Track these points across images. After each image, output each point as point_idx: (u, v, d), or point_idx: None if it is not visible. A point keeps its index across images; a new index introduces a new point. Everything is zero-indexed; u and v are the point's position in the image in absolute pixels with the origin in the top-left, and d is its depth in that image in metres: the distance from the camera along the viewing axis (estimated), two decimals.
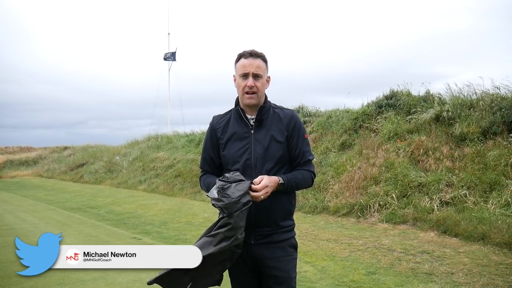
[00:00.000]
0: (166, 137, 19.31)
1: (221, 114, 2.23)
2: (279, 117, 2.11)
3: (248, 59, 2.04)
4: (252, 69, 2.03)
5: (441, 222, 6.18)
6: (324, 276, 4.51)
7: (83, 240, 6.70)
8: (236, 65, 2.10)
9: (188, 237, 6.16)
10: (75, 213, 10.00)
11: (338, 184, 8.64)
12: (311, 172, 2.13)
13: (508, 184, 6.35)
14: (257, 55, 2.07)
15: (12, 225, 8.30)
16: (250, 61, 2.04)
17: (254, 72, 2.03)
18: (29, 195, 14.80)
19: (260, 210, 1.99)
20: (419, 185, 7.34)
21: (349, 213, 7.69)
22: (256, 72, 2.04)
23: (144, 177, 15.52)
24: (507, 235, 5.26)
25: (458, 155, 7.56)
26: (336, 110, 12.04)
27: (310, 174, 2.12)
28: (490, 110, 7.90)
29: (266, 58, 2.11)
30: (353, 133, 10.23)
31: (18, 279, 4.54)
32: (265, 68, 2.09)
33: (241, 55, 2.08)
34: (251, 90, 2.04)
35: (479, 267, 4.56)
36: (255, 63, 2.04)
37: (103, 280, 4.52)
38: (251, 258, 2.05)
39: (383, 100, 10.52)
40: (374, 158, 8.76)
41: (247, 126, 2.10)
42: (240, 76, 2.06)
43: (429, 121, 8.71)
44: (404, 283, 4.21)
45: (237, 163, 2.06)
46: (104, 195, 13.56)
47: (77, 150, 25.82)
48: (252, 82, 2.03)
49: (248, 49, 2.08)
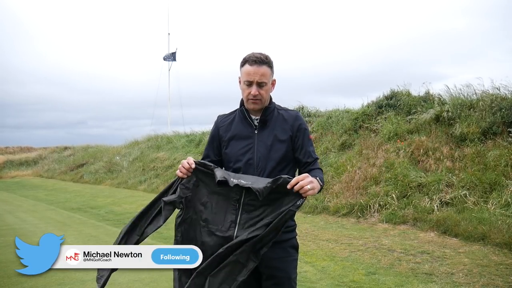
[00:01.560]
0: (166, 137, 19.31)
1: (226, 113, 2.24)
2: (284, 118, 2.12)
3: (253, 67, 2.02)
4: (256, 77, 2.01)
5: (441, 223, 6.18)
6: (324, 276, 4.51)
7: (83, 240, 6.70)
8: (241, 69, 2.08)
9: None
10: (75, 213, 10.01)
11: (338, 184, 8.64)
12: (321, 169, 2.14)
13: (508, 185, 6.35)
14: (263, 61, 2.03)
15: (12, 225, 8.30)
16: (254, 69, 2.01)
17: (258, 81, 2.02)
18: (29, 195, 14.80)
19: None
20: (419, 186, 7.34)
21: (349, 213, 7.69)
22: (261, 80, 2.02)
23: (144, 177, 15.52)
24: (507, 236, 5.26)
25: (458, 155, 7.56)
26: (336, 110, 12.05)
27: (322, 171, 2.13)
28: (490, 111, 7.90)
29: (271, 63, 2.08)
30: (353, 133, 10.24)
31: (18, 279, 4.54)
32: (270, 73, 2.07)
33: (246, 60, 2.05)
34: (255, 98, 2.04)
35: (479, 268, 4.56)
36: (260, 71, 2.02)
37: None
38: None
39: (383, 100, 10.52)
40: (374, 158, 8.76)
41: (251, 127, 2.11)
42: (244, 83, 2.06)
43: (429, 121, 8.71)
44: (404, 283, 4.21)
45: (239, 161, 2.06)
46: (104, 195, 13.56)
47: (77, 150, 25.84)
48: (256, 90, 2.02)
49: (254, 53, 2.05)
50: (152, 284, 4.37)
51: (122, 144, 22.31)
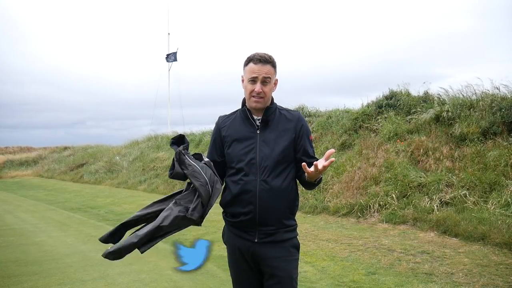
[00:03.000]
0: (166, 137, 19.31)
1: (227, 114, 2.25)
2: (286, 118, 2.14)
3: (258, 65, 2.05)
4: (261, 75, 2.04)
5: (441, 222, 6.18)
6: (324, 276, 4.51)
7: (83, 240, 6.70)
8: (245, 68, 2.10)
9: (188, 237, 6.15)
10: (75, 213, 10.00)
11: (338, 184, 8.64)
12: None
13: (508, 185, 6.35)
14: (267, 61, 2.06)
15: (12, 225, 8.30)
16: (259, 67, 2.05)
17: (264, 76, 2.04)
18: (29, 195, 14.80)
19: (265, 208, 2.01)
20: (419, 185, 7.34)
21: (349, 213, 7.70)
22: (266, 75, 2.05)
23: (144, 177, 15.53)
24: (507, 235, 5.26)
25: (458, 155, 7.56)
26: (336, 110, 12.05)
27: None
28: (490, 110, 7.90)
29: (275, 63, 2.11)
30: (353, 133, 10.24)
31: (18, 279, 4.54)
32: (274, 72, 2.10)
33: (250, 59, 2.08)
34: (258, 95, 2.06)
35: (479, 267, 4.57)
36: (265, 69, 2.05)
37: (103, 280, 4.52)
38: (254, 257, 2.07)
39: (383, 100, 10.52)
40: (374, 158, 8.77)
41: (253, 127, 2.12)
42: (248, 80, 2.08)
43: (429, 121, 8.71)
44: (404, 283, 4.21)
45: (242, 161, 2.08)
46: (104, 195, 13.56)
47: (77, 150, 25.83)
48: (260, 87, 2.05)
49: (259, 53, 2.08)
50: (152, 284, 4.37)
51: (122, 144, 22.33)
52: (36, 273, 4.78)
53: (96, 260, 5.31)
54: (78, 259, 5.45)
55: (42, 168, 25.12)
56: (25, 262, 5.25)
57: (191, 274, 4.61)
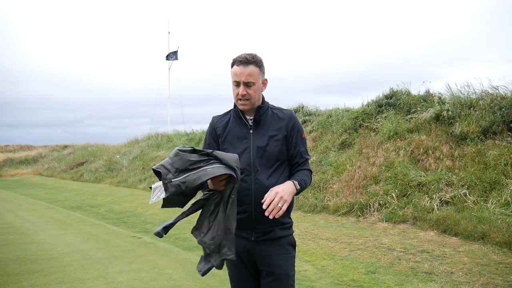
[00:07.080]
0: (166, 136, 19.33)
1: (221, 114, 2.25)
2: (278, 117, 2.14)
3: (240, 67, 2.03)
4: (242, 77, 2.03)
5: (441, 222, 6.18)
6: (324, 275, 4.51)
7: (83, 238, 6.70)
8: (231, 70, 2.11)
9: (188, 236, 6.16)
10: (75, 212, 10.01)
11: (338, 183, 8.64)
12: (309, 170, 2.18)
13: (508, 184, 6.35)
14: (249, 61, 2.03)
15: (12, 224, 8.30)
16: (241, 69, 2.03)
17: (244, 81, 2.03)
18: (29, 193, 14.81)
19: (260, 206, 2.00)
20: (419, 185, 7.34)
21: (349, 212, 7.70)
22: (247, 80, 2.03)
23: (144, 176, 15.53)
24: (507, 235, 5.26)
25: (458, 154, 7.56)
26: (336, 109, 12.03)
27: (310, 173, 2.17)
28: (490, 110, 7.90)
29: (260, 62, 2.08)
30: (353, 132, 10.23)
31: (18, 277, 4.54)
32: (258, 73, 2.07)
33: (234, 61, 2.07)
34: (243, 97, 2.06)
35: (479, 267, 4.57)
36: (246, 71, 2.03)
37: (103, 278, 4.52)
38: (250, 255, 2.08)
39: (383, 99, 10.52)
40: (374, 157, 8.76)
41: (246, 127, 2.12)
42: (233, 83, 2.09)
43: (429, 121, 8.71)
44: (404, 282, 4.21)
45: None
46: (104, 194, 13.57)
47: (77, 148, 25.82)
48: (244, 90, 2.04)
49: (242, 54, 2.06)
50: (152, 283, 4.37)
51: (122, 142, 22.33)
52: (36, 271, 4.79)
53: (96, 259, 5.31)
54: (77, 257, 5.46)
55: (42, 167, 25.14)
56: (25, 261, 5.25)
57: (191, 273, 4.62)
